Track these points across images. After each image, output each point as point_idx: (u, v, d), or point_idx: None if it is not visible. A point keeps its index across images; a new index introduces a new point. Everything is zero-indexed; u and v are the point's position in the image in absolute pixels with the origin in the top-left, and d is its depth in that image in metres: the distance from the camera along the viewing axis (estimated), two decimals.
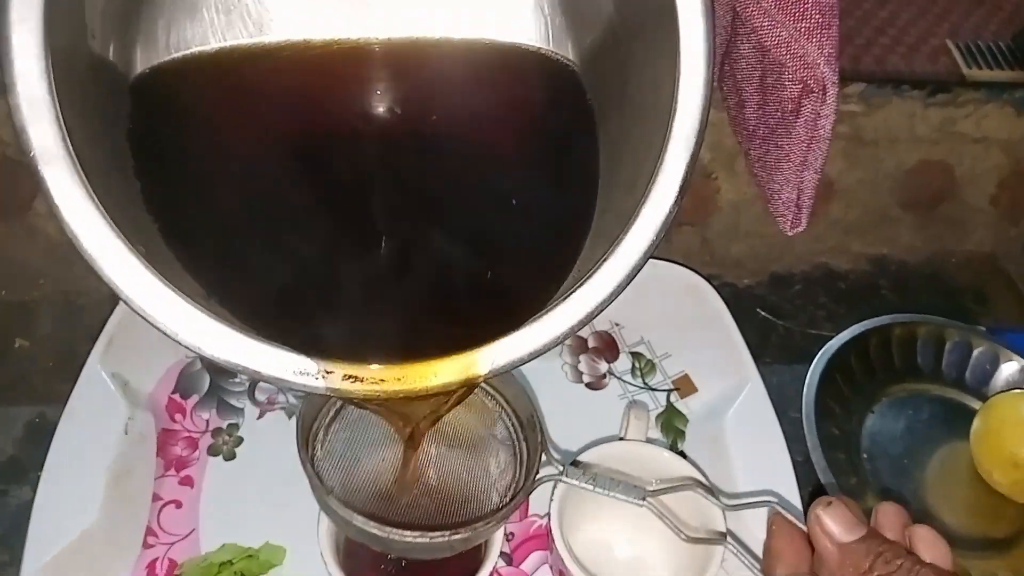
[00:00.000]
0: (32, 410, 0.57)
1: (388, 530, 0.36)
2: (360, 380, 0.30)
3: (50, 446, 0.51)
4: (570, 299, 0.31)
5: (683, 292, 0.62)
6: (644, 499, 0.39)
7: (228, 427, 0.55)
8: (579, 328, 0.31)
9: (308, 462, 0.38)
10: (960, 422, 0.59)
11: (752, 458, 0.54)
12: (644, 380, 0.60)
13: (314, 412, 0.41)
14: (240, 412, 0.56)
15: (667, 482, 0.42)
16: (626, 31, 0.37)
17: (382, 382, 0.30)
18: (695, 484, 0.41)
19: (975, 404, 0.61)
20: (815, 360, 0.60)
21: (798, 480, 0.53)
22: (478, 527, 0.37)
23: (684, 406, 0.59)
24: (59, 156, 0.28)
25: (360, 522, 0.36)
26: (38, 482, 0.49)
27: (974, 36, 0.85)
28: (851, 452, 0.58)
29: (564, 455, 0.52)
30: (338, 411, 0.42)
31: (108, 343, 0.55)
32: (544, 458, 0.40)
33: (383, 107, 0.40)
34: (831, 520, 0.33)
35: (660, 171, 0.32)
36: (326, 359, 0.30)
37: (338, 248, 0.36)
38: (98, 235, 0.28)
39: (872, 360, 0.62)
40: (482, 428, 0.42)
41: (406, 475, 0.40)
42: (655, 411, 0.58)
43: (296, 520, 0.49)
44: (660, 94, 0.33)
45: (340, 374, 0.30)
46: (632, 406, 0.52)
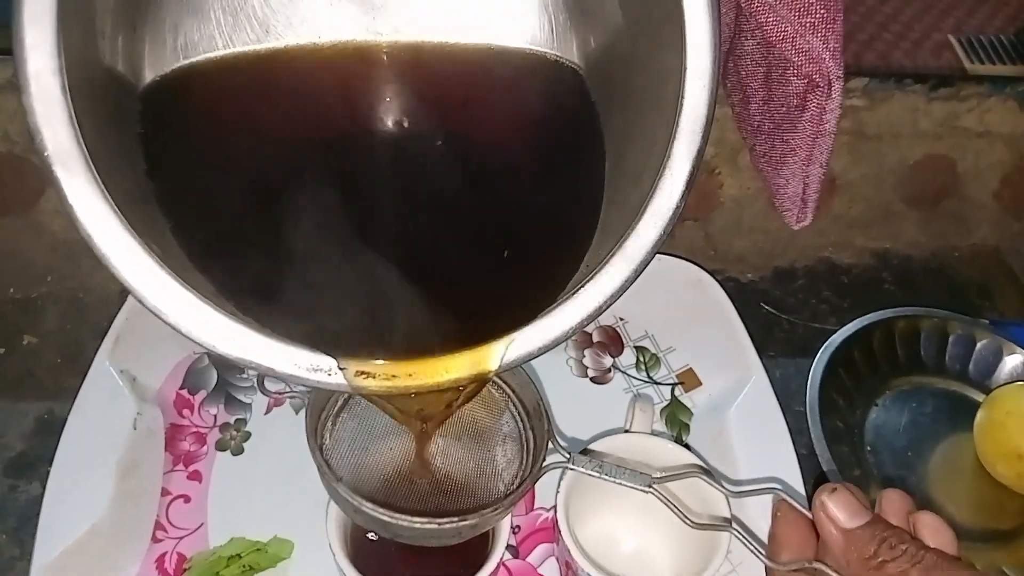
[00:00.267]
0: (41, 406, 0.57)
1: (397, 516, 0.36)
2: (372, 376, 0.30)
3: (59, 441, 0.51)
4: (579, 295, 0.32)
5: (687, 286, 0.62)
6: (650, 486, 0.39)
7: (236, 422, 0.55)
8: (588, 323, 0.32)
9: (317, 450, 0.38)
10: (964, 415, 0.59)
11: (756, 451, 0.55)
12: (649, 374, 0.60)
13: (323, 402, 0.41)
14: (248, 407, 0.56)
15: (672, 471, 0.43)
16: (631, 29, 0.37)
17: (394, 378, 0.31)
18: (700, 471, 0.42)
19: (979, 397, 0.61)
20: (819, 354, 0.60)
21: (802, 472, 0.53)
22: (486, 513, 0.37)
23: (688, 400, 0.59)
24: (73, 156, 0.28)
25: (369, 508, 0.36)
26: (47, 477, 0.50)
27: (977, 32, 0.85)
28: (855, 445, 0.58)
29: (570, 447, 0.52)
30: (347, 401, 0.42)
31: (116, 339, 0.55)
32: (551, 446, 0.40)
33: (391, 108, 0.41)
34: (836, 506, 0.33)
35: (666, 167, 0.32)
36: (338, 356, 0.30)
37: (348, 246, 0.37)
38: (112, 234, 0.29)
39: (876, 353, 0.62)
40: (489, 418, 0.43)
41: (418, 466, 0.41)
42: (660, 405, 0.58)
43: (304, 514, 0.49)
44: (665, 91, 0.33)
45: (352, 370, 0.30)
46: (637, 399, 0.52)
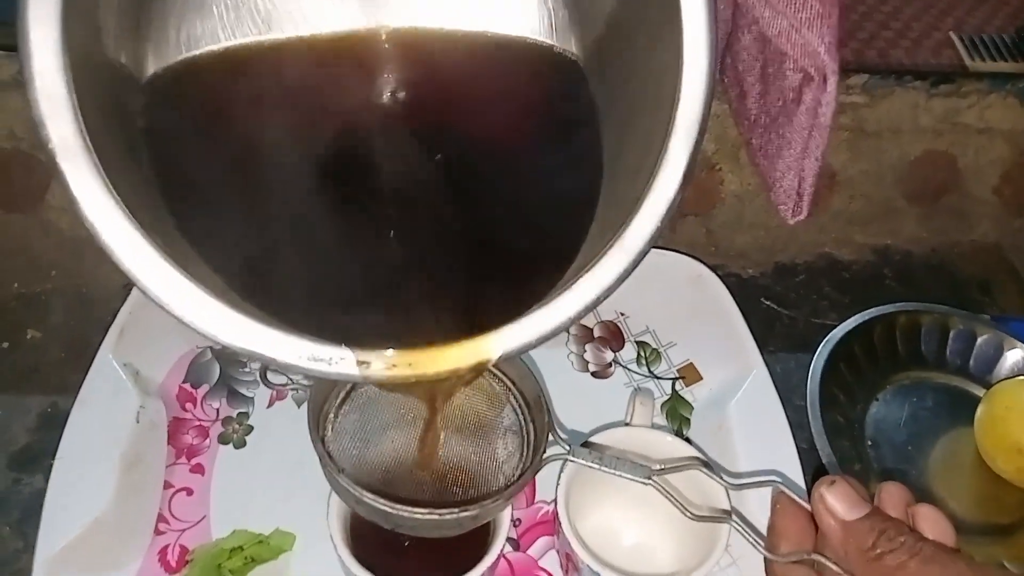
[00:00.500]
0: (45, 400, 0.57)
1: (398, 507, 0.36)
2: (372, 366, 0.31)
3: (63, 435, 0.51)
4: (576, 285, 0.32)
5: (688, 282, 0.62)
6: (649, 478, 0.40)
7: (238, 416, 0.56)
8: (586, 313, 0.32)
9: (319, 441, 0.39)
10: (964, 410, 0.60)
11: (757, 445, 0.55)
12: (649, 369, 0.60)
13: (325, 394, 0.41)
14: (250, 401, 0.56)
15: (672, 463, 0.43)
16: (629, 22, 0.37)
17: (393, 367, 0.31)
18: (700, 463, 0.42)
19: (979, 392, 0.61)
20: (819, 348, 0.60)
21: (802, 467, 0.53)
22: (486, 504, 0.37)
23: (689, 394, 0.59)
24: (77, 149, 0.28)
25: (370, 499, 0.36)
26: (51, 470, 0.50)
27: (978, 30, 0.86)
28: (855, 439, 0.59)
29: (570, 441, 0.52)
30: (349, 393, 0.42)
31: (119, 333, 0.55)
32: (551, 438, 0.40)
33: (391, 99, 0.41)
34: (835, 498, 0.34)
35: (664, 159, 0.32)
36: (340, 346, 0.30)
37: (348, 237, 0.37)
38: (116, 227, 0.29)
39: (876, 348, 0.62)
40: (490, 410, 0.43)
41: (419, 456, 0.41)
42: (660, 399, 0.58)
43: (305, 506, 0.49)
44: (663, 83, 0.33)
45: (352, 360, 0.30)
46: (637, 393, 0.53)
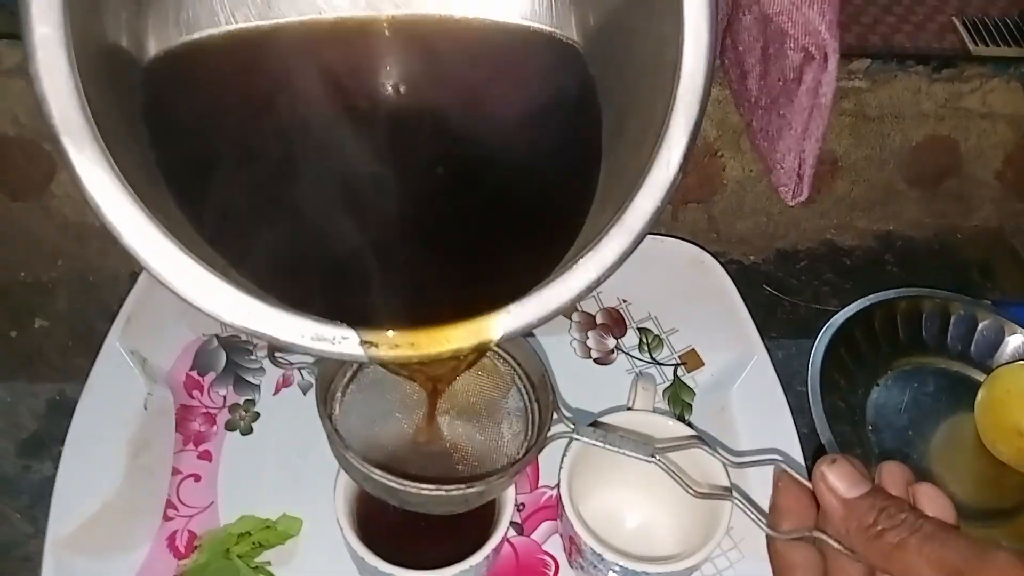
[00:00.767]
0: (52, 387, 0.58)
1: (405, 483, 0.36)
2: (375, 345, 0.31)
3: (71, 422, 0.52)
4: (577, 265, 0.32)
5: (690, 268, 0.62)
6: (653, 455, 0.40)
7: (245, 403, 0.56)
8: (587, 294, 0.32)
9: (327, 418, 0.39)
10: (965, 395, 0.60)
11: (758, 430, 0.55)
12: (652, 355, 0.61)
13: (332, 373, 0.42)
14: (256, 388, 0.57)
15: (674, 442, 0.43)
16: (628, 4, 0.37)
17: (396, 347, 0.31)
18: (702, 442, 0.42)
19: (980, 377, 0.61)
20: (820, 334, 0.61)
21: (803, 451, 0.53)
22: (492, 480, 0.38)
23: (691, 380, 0.59)
24: (79, 125, 0.29)
25: (378, 475, 0.37)
26: (59, 457, 0.50)
27: (981, 14, 0.85)
28: (856, 424, 0.59)
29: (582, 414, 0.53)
30: (356, 372, 0.43)
31: (126, 321, 0.56)
32: (555, 416, 0.41)
33: (391, 82, 0.41)
34: (836, 476, 0.34)
35: (664, 138, 0.32)
36: (343, 325, 0.31)
37: (351, 218, 0.37)
38: (120, 206, 0.29)
39: (877, 334, 0.63)
40: (495, 390, 0.43)
41: (425, 434, 0.41)
42: (663, 385, 0.59)
43: (311, 492, 0.50)
44: (663, 63, 0.33)
45: (355, 340, 0.31)
46: (639, 378, 0.53)
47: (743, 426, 0.56)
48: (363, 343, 0.31)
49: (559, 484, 0.45)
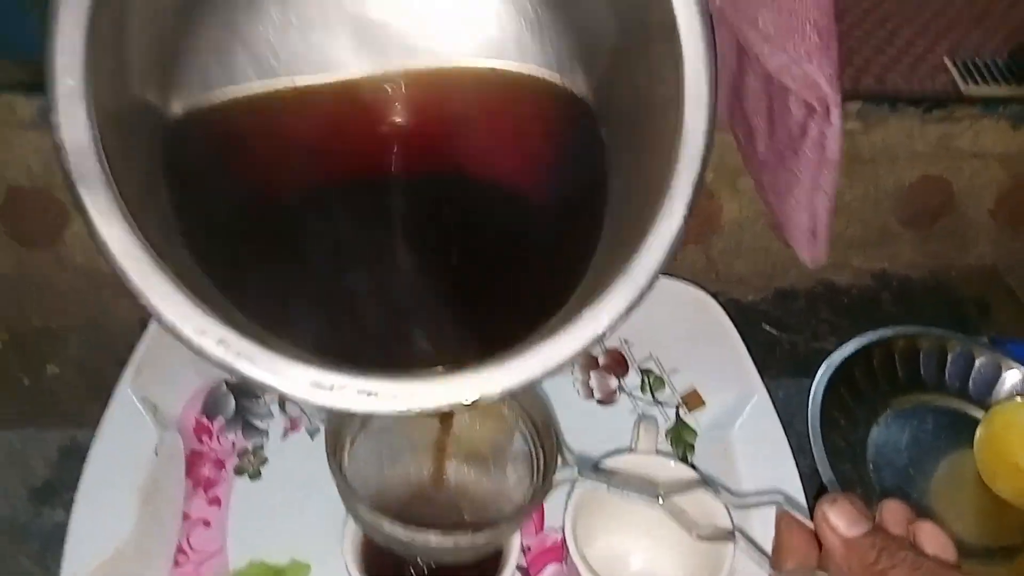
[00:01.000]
0: (64, 434, 0.59)
1: (414, 533, 0.37)
2: (375, 396, 0.32)
3: (83, 468, 0.52)
4: (582, 317, 0.33)
5: (690, 309, 0.63)
6: (658, 497, 0.41)
7: (253, 448, 0.57)
8: (592, 345, 0.33)
9: (338, 470, 0.40)
10: (964, 431, 0.60)
11: (760, 469, 0.56)
12: (654, 395, 0.61)
13: (341, 423, 0.43)
14: (264, 433, 0.58)
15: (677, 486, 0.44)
16: (631, 58, 0.39)
17: (395, 399, 0.32)
18: (706, 484, 0.43)
19: (979, 414, 0.62)
20: (820, 372, 0.61)
21: (804, 490, 0.54)
22: (500, 526, 0.39)
23: (693, 420, 0.60)
24: (95, 173, 0.30)
25: (388, 527, 0.37)
26: (71, 503, 0.51)
27: (972, 54, 0.87)
28: (857, 463, 0.59)
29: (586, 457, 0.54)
30: (363, 422, 0.43)
31: (138, 368, 0.56)
32: (560, 461, 0.41)
33: (402, 137, 0.43)
34: (837, 515, 0.34)
35: (668, 192, 0.34)
36: (342, 372, 0.32)
37: (356, 272, 0.39)
38: (127, 246, 0.30)
39: (876, 372, 0.63)
40: (500, 436, 0.44)
41: (433, 482, 0.42)
42: (665, 425, 0.59)
43: (319, 536, 0.50)
44: (666, 118, 0.35)
45: (354, 389, 0.32)
46: (642, 419, 0.54)
47: (745, 466, 0.56)
48: (363, 392, 0.31)
49: (563, 527, 0.46)
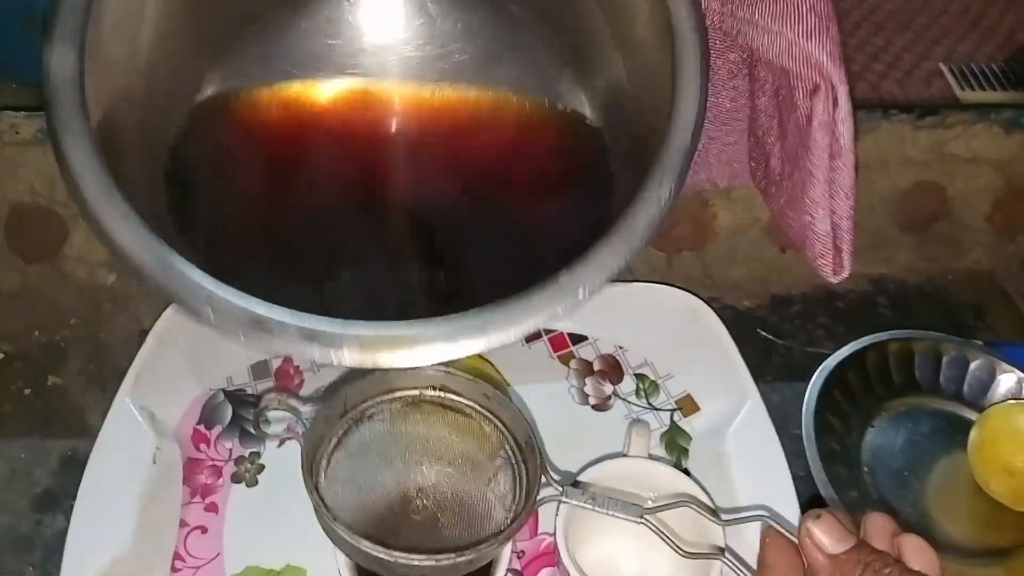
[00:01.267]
0: (65, 444, 0.59)
1: (395, 554, 0.36)
2: (317, 340, 0.33)
3: (83, 476, 0.53)
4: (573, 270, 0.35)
5: (684, 315, 0.64)
6: (641, 517, 0.41)
7: (250, 455, 0.58)
8: (580, 305, 0.34)
9: (314, 489, 0.39)
10: (959, 434, 0.60)
11: (753, 474, 0.56)
12: (648, 400, 0.62)
13: (317, 441, 0.42)
14: (261, 441, 0.58)
15: (665, 497, 0.44)
16: (636, 91, 0.40)
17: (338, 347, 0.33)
18: (690, 500, 0.43)
19: (973, 417, 0.61)
20: (813, 377, 0.62)
21: (799, 494, 0.54)
22: (482, 548, 0.38)
23: (687, 425, 0.60)
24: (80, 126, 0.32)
25: (367, 547, 0.37)
26: (71, 511, 0.52)
27: (967, 60, 0.88)
28: (852, 466, 0.60)
29: (572, 474, 0.54)
30: (340, 440, 0.43)
31: (136, 378, 0.57)
32: (544, 479, 0.41)
33: (406, 153, 0.44)
34: (821, 532, 0.34)
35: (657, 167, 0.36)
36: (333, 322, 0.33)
37: (351, 267, 0.40)
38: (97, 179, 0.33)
39: (870, 376, 0.64)
40: (481, 453, 0.43)
41: (411, 499, 0.42)
42: (659, 430, 0.60)
43: (314, 542, 0.50)
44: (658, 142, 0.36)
45: (296, 329, 0.33)
46: (634, 424, 0.54)
47: (739, 470, 0.57)
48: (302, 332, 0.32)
49: (555, 534, 0.46)
